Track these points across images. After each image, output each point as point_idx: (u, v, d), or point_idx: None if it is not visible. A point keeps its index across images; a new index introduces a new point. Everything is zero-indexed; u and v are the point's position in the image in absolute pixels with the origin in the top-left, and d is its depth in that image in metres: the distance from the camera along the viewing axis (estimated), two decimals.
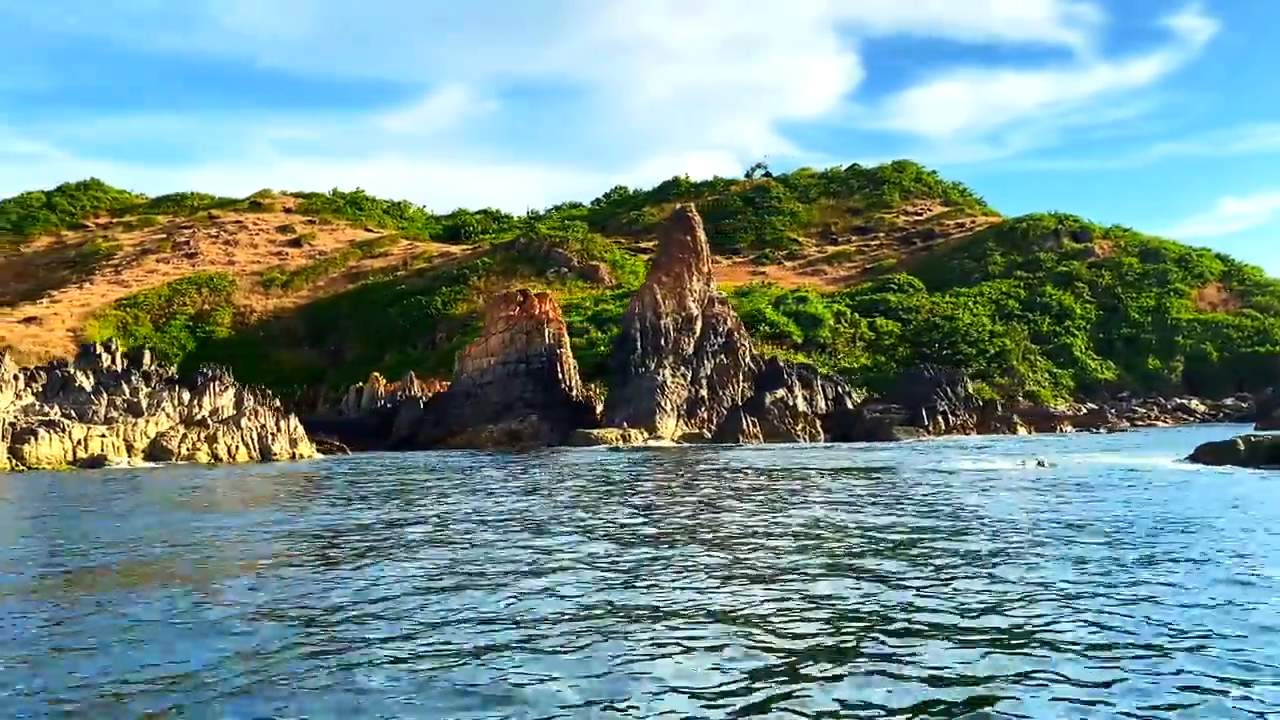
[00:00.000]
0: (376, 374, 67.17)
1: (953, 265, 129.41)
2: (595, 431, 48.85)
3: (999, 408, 57.94)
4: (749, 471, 32.15)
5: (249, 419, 32.63)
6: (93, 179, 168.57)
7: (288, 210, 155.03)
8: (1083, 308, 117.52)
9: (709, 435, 51.30)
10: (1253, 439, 24.12)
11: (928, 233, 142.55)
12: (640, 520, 19.43)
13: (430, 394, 58.89)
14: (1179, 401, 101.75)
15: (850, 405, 58.42)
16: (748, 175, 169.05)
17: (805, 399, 56.94)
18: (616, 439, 48.25)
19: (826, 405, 58.22)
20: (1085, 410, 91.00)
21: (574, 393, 55.90)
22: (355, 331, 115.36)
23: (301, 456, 34.72)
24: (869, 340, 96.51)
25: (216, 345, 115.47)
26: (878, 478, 28.75)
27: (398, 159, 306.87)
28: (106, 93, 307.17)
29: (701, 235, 63.22)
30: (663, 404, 51.57)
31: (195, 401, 32.68)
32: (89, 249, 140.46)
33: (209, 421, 31.80)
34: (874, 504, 21.26)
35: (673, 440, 49.66)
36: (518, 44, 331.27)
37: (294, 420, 36.68)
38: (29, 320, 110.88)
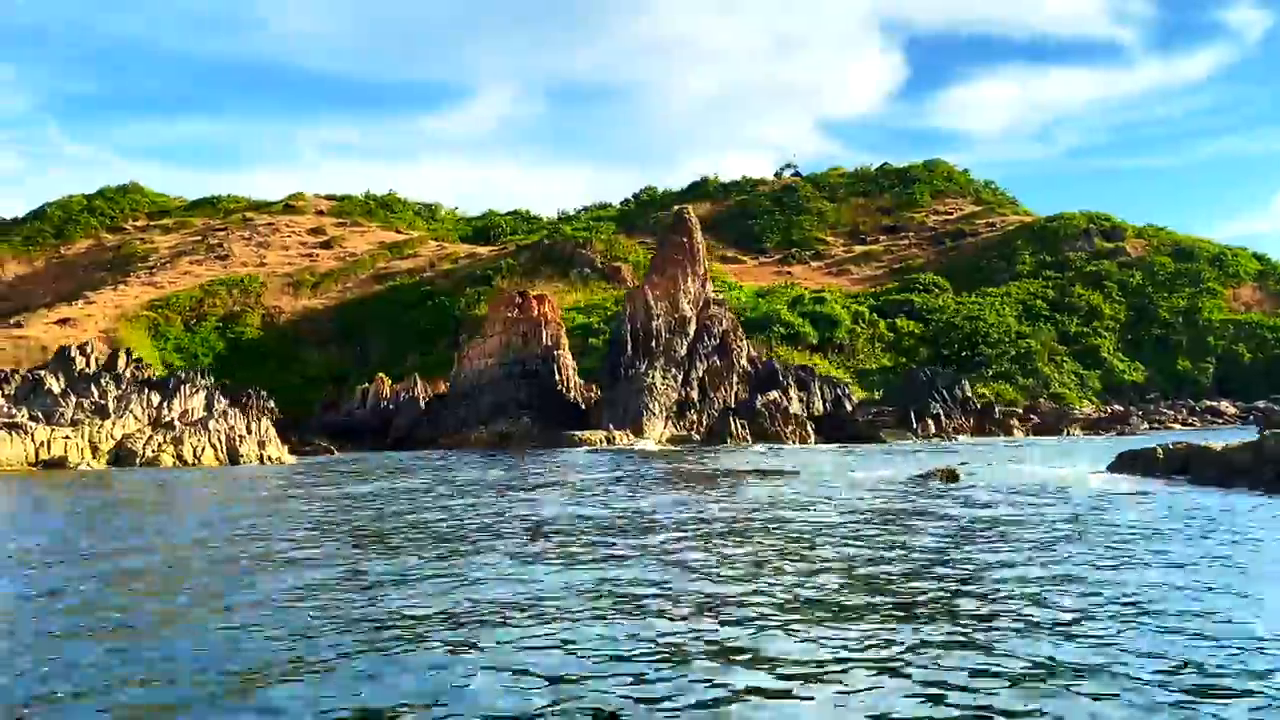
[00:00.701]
0: (382, 375, 68.03)
1: (981, 265, 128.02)
2: (580, 434, 49.02)
3: (996, 410, 57.24)
4: (673, 475, 32.06)
5: (217, 421, 33.12)
6: (132, 182, 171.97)
7: (320, 213, 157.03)
8: (1112, 308, 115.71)
9: (698, 438, 51.31)
10: (1171, 446, 23.34)
11: (957, 232, 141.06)
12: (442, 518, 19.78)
13: (431, 395, 59.63)
14: (1208, 404, 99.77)
15: (848, 408, 58.10)
16: (777, 175, 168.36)
17: (802, 401, 56.64)
18: (600, 441, 48.41)
19: (825, 407, 57.91)
20: (1108, 412, 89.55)
21: (571, 394, 56.19)
22: (380, 332, 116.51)
23: (271, 459, 35.02)
24: (888, 341, 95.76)
25: (245, 346, 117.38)
26: (734, 482, 28.42)
27: (441, 161, 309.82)
28: (156, 96, 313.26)
29: (699, 238, 63.16)
30: (650, 406, 51.60)
31: (166, 404, 33.26)
32: (126, 251, 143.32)
33: (176, 424, 32.41)
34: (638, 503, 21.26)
35: (660, 442, 49.69)
36: (559, 45, 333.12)
37: (265, 423, 37.25)
38: (62, 322, 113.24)
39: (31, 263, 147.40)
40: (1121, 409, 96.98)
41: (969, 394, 56.90)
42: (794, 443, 48.85)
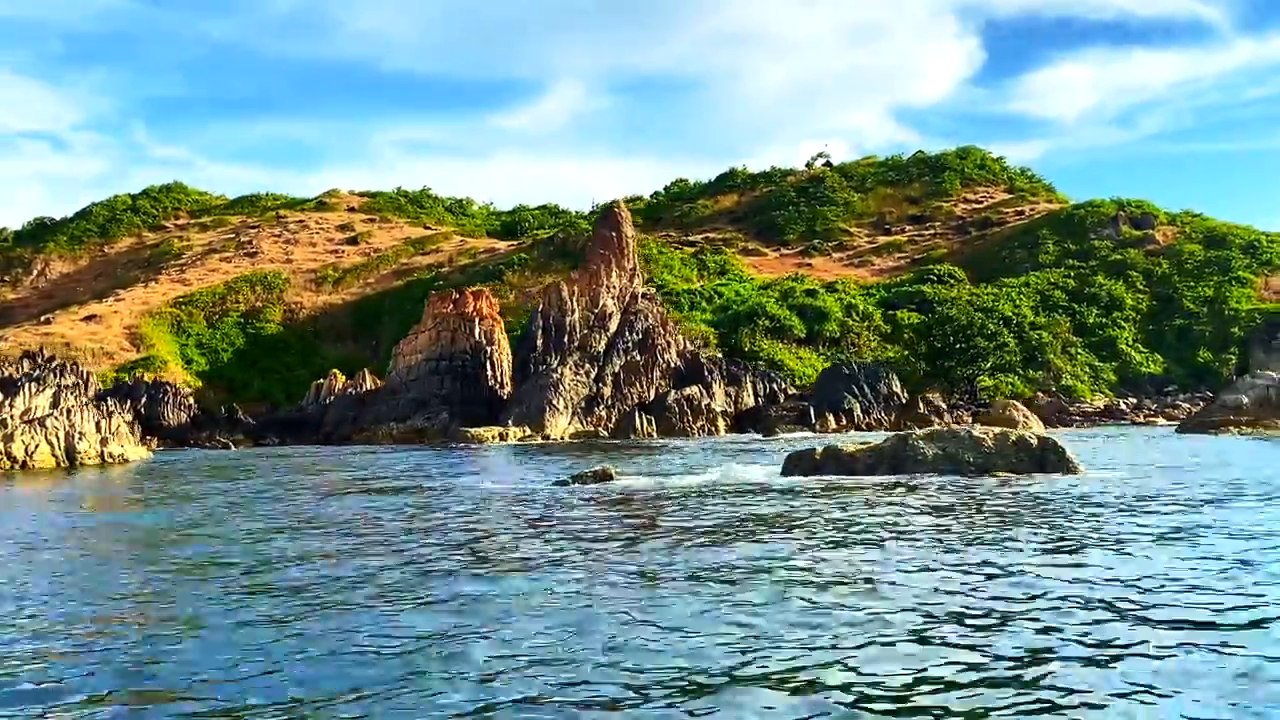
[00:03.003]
0: (336, 371, 69.18)
1: (1002, 255, 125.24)
2: (474, 430, 49.22)
3: (920, 404, 55.99)
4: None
5: (56, 418, 33.81)
6: (175, 182, 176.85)
7: (351, 209, 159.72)
8: (1134, 298, 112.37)
9: (605, 433, 51.13)
10: (827, 447, 22.82)
11: (984, 221, 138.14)
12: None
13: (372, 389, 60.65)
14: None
15: (782, 401, 57.37)
16: (808, 165, 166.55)
17: (729, 395, 56.11)
18: (494, 437, 48.58)
19: (757, 401, 57.28)
20: (1109, 407, 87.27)
21: (502, 390, 56.47)
22: (394, 327, 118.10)
23: (113, 457, 35.32)
24: (885, 334, 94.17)
25: (265, 341, 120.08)
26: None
27: (514, 157, 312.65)
28: (238, 99, 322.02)
29: (628, 232, 62.79)
30: (554, 402, 51.54)
31: (8, 402, 34.05)
32: (163, 249, 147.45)
33: (9, 422, 33.17)
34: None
35: (562, 438, 49.65)
36: (631, 39, 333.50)
37: (117, 420, 37.99)
38: (89, 318, 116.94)
39: (76, 261, 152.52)
40: (1135, 401, 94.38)
41: (894, 389, 55.79)
42: (701, 436, 48.61)
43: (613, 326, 56.79)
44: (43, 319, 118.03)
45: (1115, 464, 26.33)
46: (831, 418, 47.26)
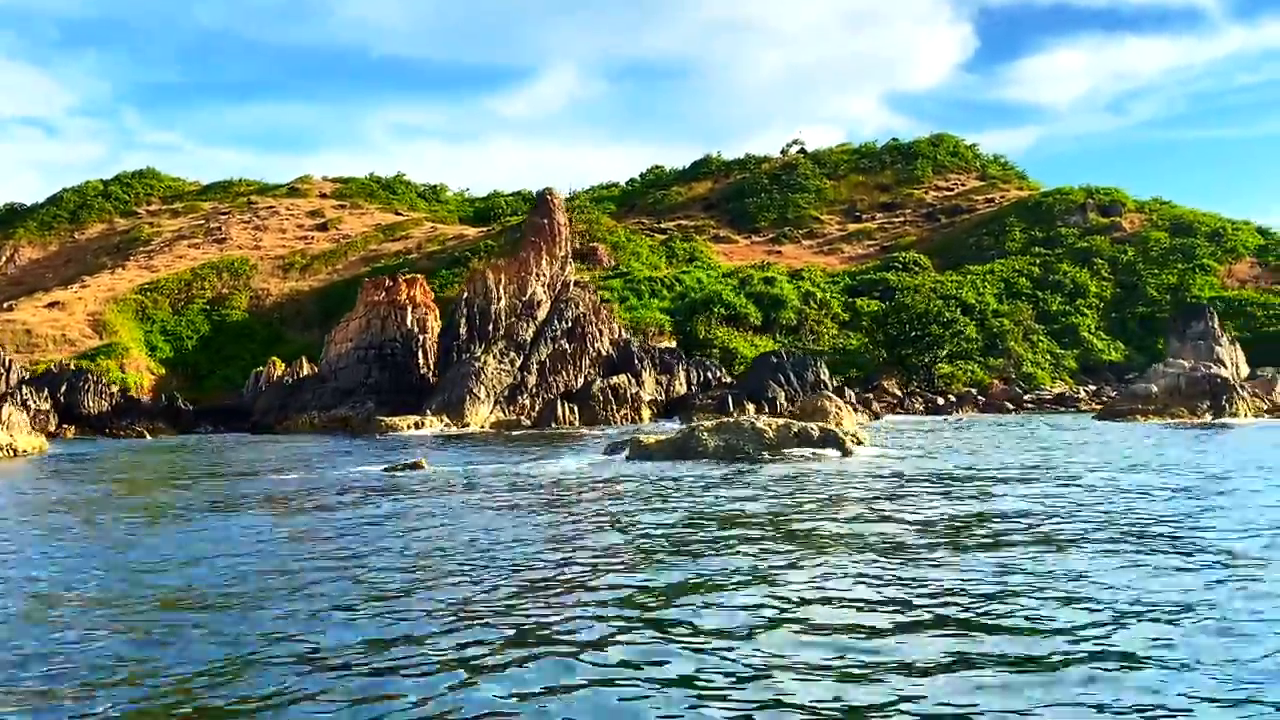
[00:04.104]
0: (275, 358, 69.03)
1: (970, 242, 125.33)
2: (389, 420, 49.04)
3: (844, 392, 56.10)
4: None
5: None
6: (148, 167, 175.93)
7: (323, 195, 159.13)
8: (1098, 285, 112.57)
9: (528, 422, 51.01)
10: (632, 438, 23.37)
11: (954, 209, 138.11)
12: None
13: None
14: None
15: (713, 389, 57.42)
16: (782, 152, 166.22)
17: (660, 384, 56.03)
18: (410, 426, 48.47)
19: (690, 389, 57.34)
20: (1059, 394, 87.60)
21: (433, 380, 56.20)
22: None
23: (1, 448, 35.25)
24: (843, 321, 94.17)
25: (230, 328, 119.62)
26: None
27: (509, 142, 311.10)
28: (230, 84, 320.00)
29: (560, 219, 62.55)
30: (475, 391, 51.34)
31: None
32: (133, 235, 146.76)
33: None
34: None
35: (482, 427, 49.55)
36: (627, 24, 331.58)
37: (9, 408, 37.78)
38: (53, 305, 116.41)
39: (46, 247, 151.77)
40: (1095, 388, 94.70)
41: (822, 378, 55.82)
42: (622, 424, 48.56)
43: (541, 315, 56.59)
44: (5, 305, 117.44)
45: (908, 454, 27.26)
46: (752, 407, 47.37)
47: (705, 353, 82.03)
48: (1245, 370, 59.94)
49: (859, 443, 24.40)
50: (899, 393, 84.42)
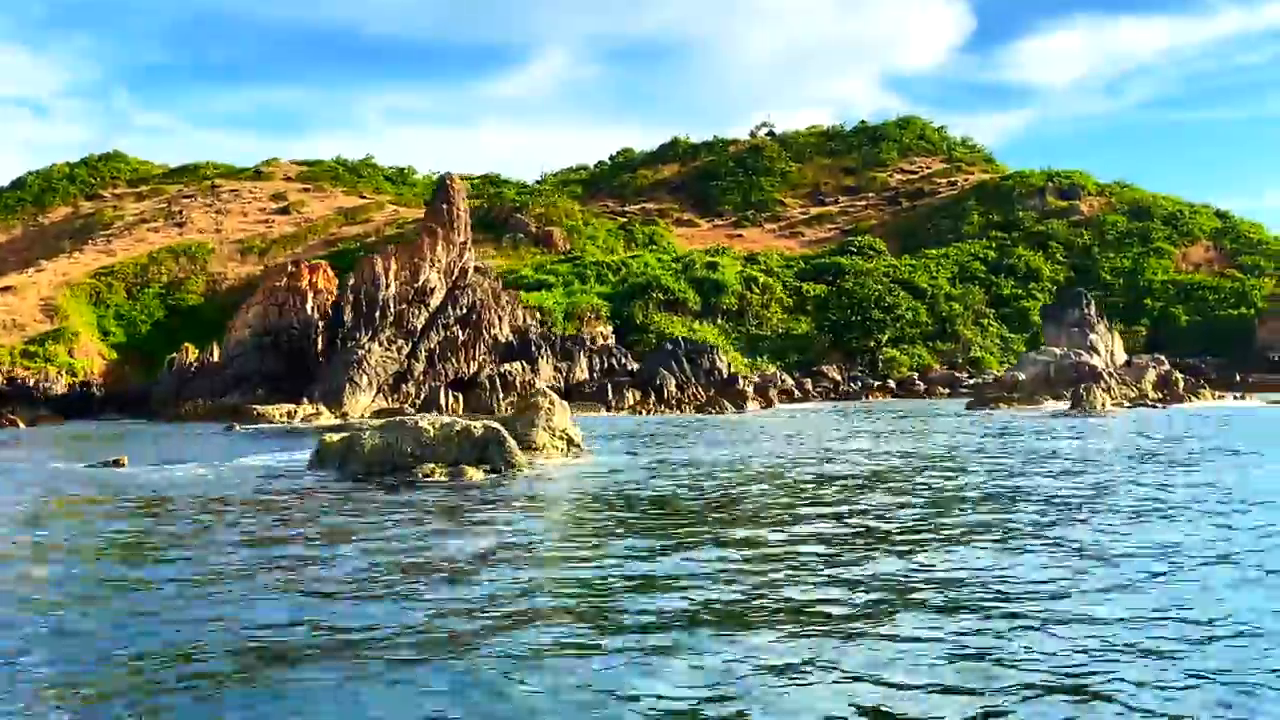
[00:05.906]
0: (188, 344, 68.88)
1: (929, 226, 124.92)
2: (261, 408, 48.67)
3: (740, 382, 55.77)
4: None
5: None
6: (115, 150, 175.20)
7: (288, 178, 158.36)
8: (1053, 269, 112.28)
9: (412, 410, 50.63)
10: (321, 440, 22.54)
11: (916, 192, 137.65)
12: None
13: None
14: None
15: (616, 377, 57.11)
16: (751, 134, 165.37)
17: (559, 371, 55.83)
18: (283, 415, 48.14)
19: (592, 376, 57.09)
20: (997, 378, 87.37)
21: None
22: None
23: None
24: (789, 306, 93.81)
25: (185, 314, 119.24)
26: None
27: (502, 124, 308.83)
28: (223, 65, 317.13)
29: (460, 205, 62.11)
30: (356, 379, 51.07)
31: None
32: (96, 219, 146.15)
33: None
34: None
35: (362, 416, 49.26)
36: (618, 6, 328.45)
37: None
38: (5, 290, 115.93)
39: (9, 231, 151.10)
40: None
41: (717, 365, 55.66)
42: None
43: (435, 302, 56.28)
44: None
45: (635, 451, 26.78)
46: (637, 393, 47.15)
47: (641, 338, 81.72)
48: (1122, 358, 59.69)
49: (576, 446, 23.51)
50: (838, 377, 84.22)
